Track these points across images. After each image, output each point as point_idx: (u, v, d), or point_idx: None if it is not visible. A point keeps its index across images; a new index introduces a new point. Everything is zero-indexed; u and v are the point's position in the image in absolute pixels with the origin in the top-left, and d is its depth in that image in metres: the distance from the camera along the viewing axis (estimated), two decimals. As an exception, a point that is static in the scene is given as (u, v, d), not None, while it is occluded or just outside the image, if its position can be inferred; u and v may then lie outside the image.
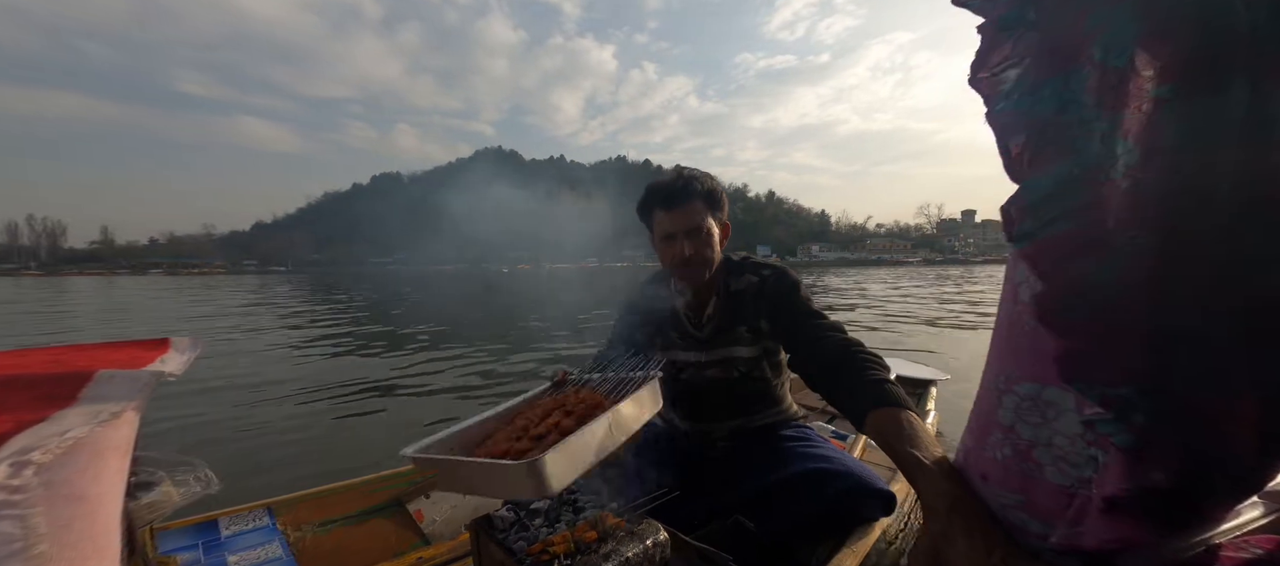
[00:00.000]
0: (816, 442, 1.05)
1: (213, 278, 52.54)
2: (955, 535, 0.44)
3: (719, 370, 1.06)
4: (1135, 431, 0.36)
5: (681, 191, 0.98)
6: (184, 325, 7.37)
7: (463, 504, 1.33)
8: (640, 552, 0.82)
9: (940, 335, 5.57)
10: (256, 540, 0.92)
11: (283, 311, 8.64)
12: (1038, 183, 0.40)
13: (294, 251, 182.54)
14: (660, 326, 1.12)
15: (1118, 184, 0.36)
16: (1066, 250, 0.39)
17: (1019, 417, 0.44)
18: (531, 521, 0.99)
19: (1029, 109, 0.41)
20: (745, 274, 1.05)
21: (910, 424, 0.61)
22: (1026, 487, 0.44)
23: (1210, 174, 0.33)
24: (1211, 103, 0.33)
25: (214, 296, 12.87)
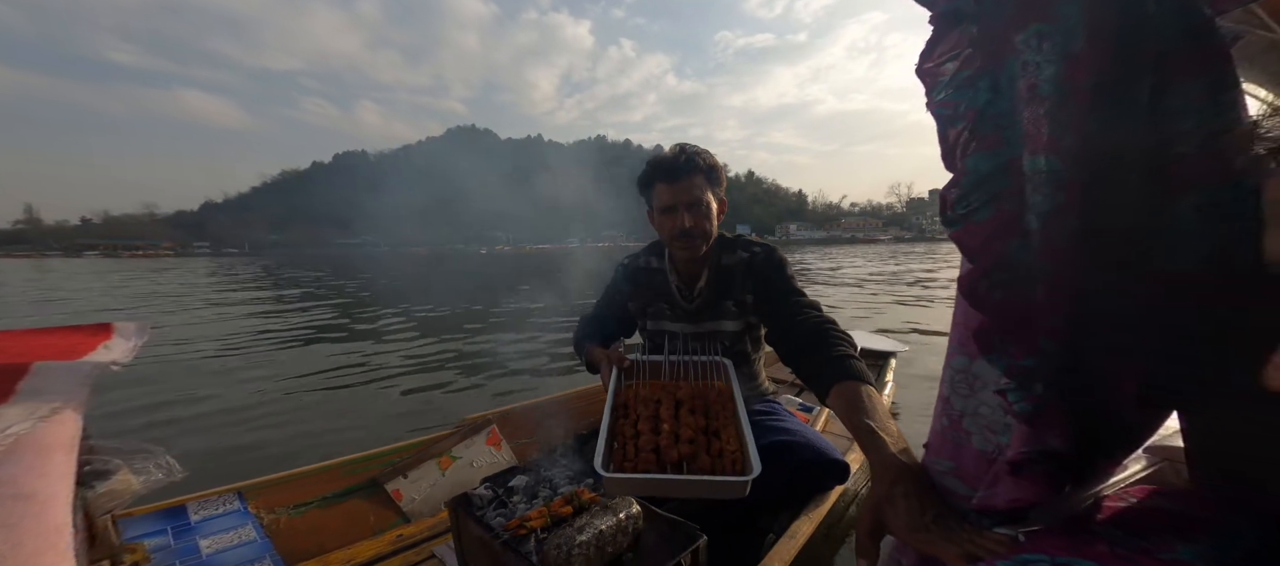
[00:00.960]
0: (782, 417, 1.12)
1: (160, 260, 48.88)
2: (896, 497, 0.48)
3: (703, 343, 1.09)
4: (1033, 400, 0.39)
5: (685, 165, 1.01)
6: (141, 307, 6.88)
7: (442, 482, 1.35)
8: (614, 524, 0.86)
9: (901, 309, 5.86)
10: (228, 524, 0.91)
11: (244, 295, 8.19)
12: (971, 169, 0.43)
13: (250, 232, 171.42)
14: (652, 296, 1.16)
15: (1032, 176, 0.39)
16: (991, 232, 0.42)
17: (953, 390, 0.48)
18: (510, 498, 1.02)
19: (965, 99, 0.44)
20: (737, 250, 1.09)
21: (868, 397, 0.67)
22: (957, 454, 0.48)
23: (1120, 163, 0.36)
24: (1123, 97, 0.35)
25: (167, 278, 12.01)
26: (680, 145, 1.06)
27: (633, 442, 0.76)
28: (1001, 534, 0.42)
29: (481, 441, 1.48)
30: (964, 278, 0.43)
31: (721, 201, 1.09)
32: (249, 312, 6.24)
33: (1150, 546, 0.35)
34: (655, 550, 0.87)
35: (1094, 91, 0.36)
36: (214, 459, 1.92)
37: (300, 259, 40.38)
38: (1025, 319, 0.41)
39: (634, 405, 0.83)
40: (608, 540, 0.84)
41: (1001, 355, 0.42)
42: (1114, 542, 0.36)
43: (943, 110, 0.45)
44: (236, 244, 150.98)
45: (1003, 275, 0.42)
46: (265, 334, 4.70)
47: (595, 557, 0.82)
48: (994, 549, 0.40)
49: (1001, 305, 0.42)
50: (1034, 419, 0.40)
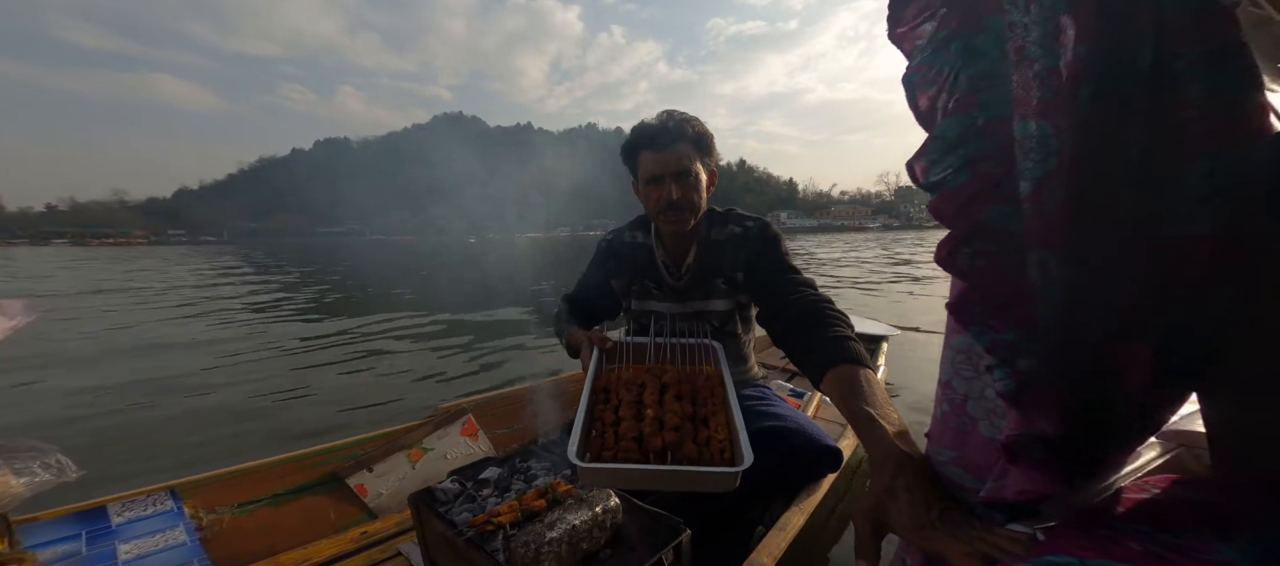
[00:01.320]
0: (772, 401, 1.07)
1: (132, 249, 47.12)
2: (898, 490, 0.44)
3: (691, 324, 1.05)
4: (1017, 377, 0.36)
5: (672, 132, 0.95)
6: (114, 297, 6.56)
7: (412, 475, 1.26)
8: (589, 519, 0.79)
9: (891, 293, 5.90)
10: (156, 526, 0.82)
11: (237, 288, 7.88)
12: (942, 134, 0.40)
13: (228, 220, 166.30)
14: (637, 273, 1.09)
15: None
16: (968, 197, 0.39)
17: (955, 372, 0.44)
18: (479, 492, 0.95)
19: (939, 62, 0.41)
20: (728, 225, 1.03)
21: (867, 381, 0.62)
22: (961, 443, 0.44)
23: (1120, 128, 0.34)
24: (1120, 63, 0.33)
25: (146, 270, 11.48)
26: (668, 111, 0.99)
27: (612, 430, 0.68)
28: (1017, 531, 0.38)
29: (456, 432, 1.40)
30: (942, 245, 0.40)
31: (712, 173, 1.02)
32: (242, 305, 5.99)
33: (1186, 544, 0.32)
34: (635, 545, 0.81)
35: (1086, 59, 0.33)
36: (141, 454, 1.79)
37: (281, 247, 39.32)
38: (1006, 288, 0.38)
39: (615, 390, 0.75)
40: (582, 536, 0.78)
41: (983, 328, 0.39)
42: (1147, 540, 0.33)
43: (913, 76, 0.43)
44: (215, 232, 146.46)
45: (982, 242, 0.39)
46: (239, 322, 4.51)
47: (567, 555, 0.76)
48: (1010, 549, 0.36)
49: (981, 274, 0.39)
50: (1019, 398, 0.37)
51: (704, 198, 1.00)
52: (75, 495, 0.78)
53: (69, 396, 2.52)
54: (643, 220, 1.12)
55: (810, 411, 1.41)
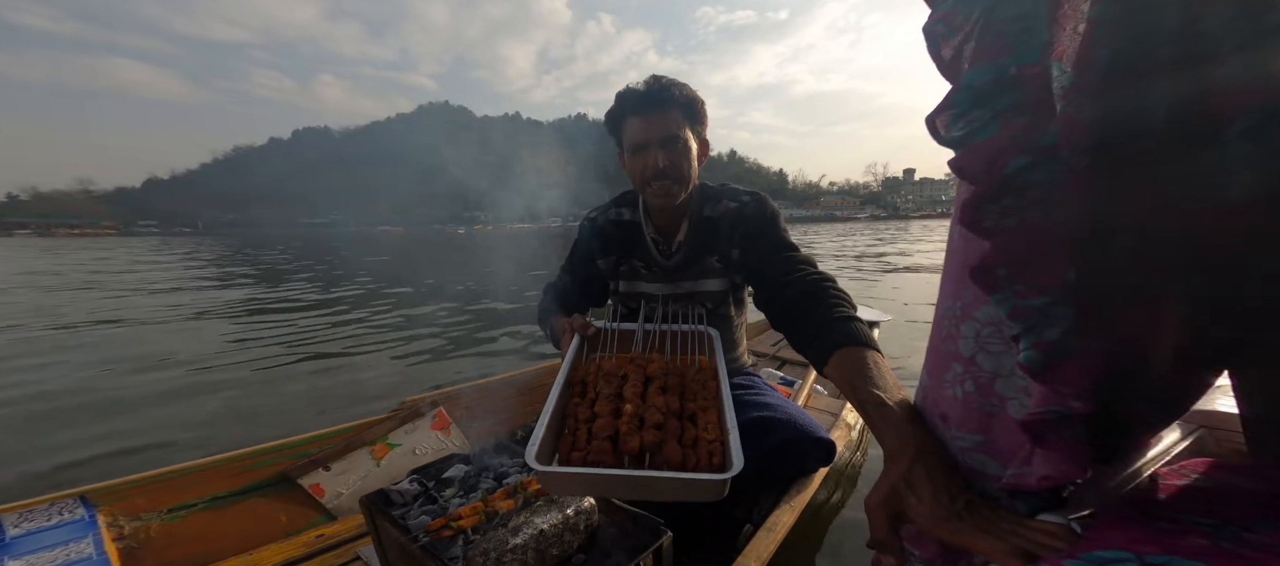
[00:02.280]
0: (762, 391, 1.02)
1: (102, 239, 45.23)
2: (918, 481, 0.40)
3: (683, 306, 0.98)
4: (1044, 348, 0.34)
5: (658, 97, 0.88)
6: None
7: (376, 472, 1.17)
8: (560, 522, 0.72)
9: (880, 279, 5.94)
10: (60, 538, 0.71)
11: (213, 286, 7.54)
12: (969, 83, 0.37)
13: (203, 211, 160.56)
14: (624, 251, 1.02)
15: (1055, 102, 0.33)
16: (998, 150, 0.35)
17: (980, 347, 0.40)
18: (441, 493, 0.86)
19: (964, 7, 0.37)
20: (723, 200, 0.97)
21: (875, 364, 0.57)
22: (987, 425, 0.40)
23: (1143, 91, 0.31)
24: (1144, 21, 0.31)
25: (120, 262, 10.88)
26: (655, 76, 0.91)
27: (586, 428, 0.59)
28: (1052, 522, 0.35)
29: (426, 426, 1.31)
30: (966, 204, 0.36)
31: (703, 141, 0.95)
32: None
33: (1260, 538, 0.28)
34: (611, 550, 0.74)
35: (1100, 20, 0.30)
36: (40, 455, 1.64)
37: (260, 239, 37.96)
38: (1038, 250, 0.34)
39: (594, 382, 0.65)
40: (550, 541, 0.71)
41: (1007, 294, 0.36)
42: (1212, 533, 0.30)
43: (937, 25, 0.39)
44: (189, 223, 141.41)
45: (1010, 198, 0.35)
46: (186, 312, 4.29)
47: (534, 561, 0.68)
48: (1050, 543, 0.33)
49: (1009, 234, 0.35)
50: (1047, 373, 0.34)
51: (694, 168, 0.93)
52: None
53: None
54: (629, 195, 1.04)
55: (800, 400, 1.36)
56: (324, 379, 2.56)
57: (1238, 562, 0.26)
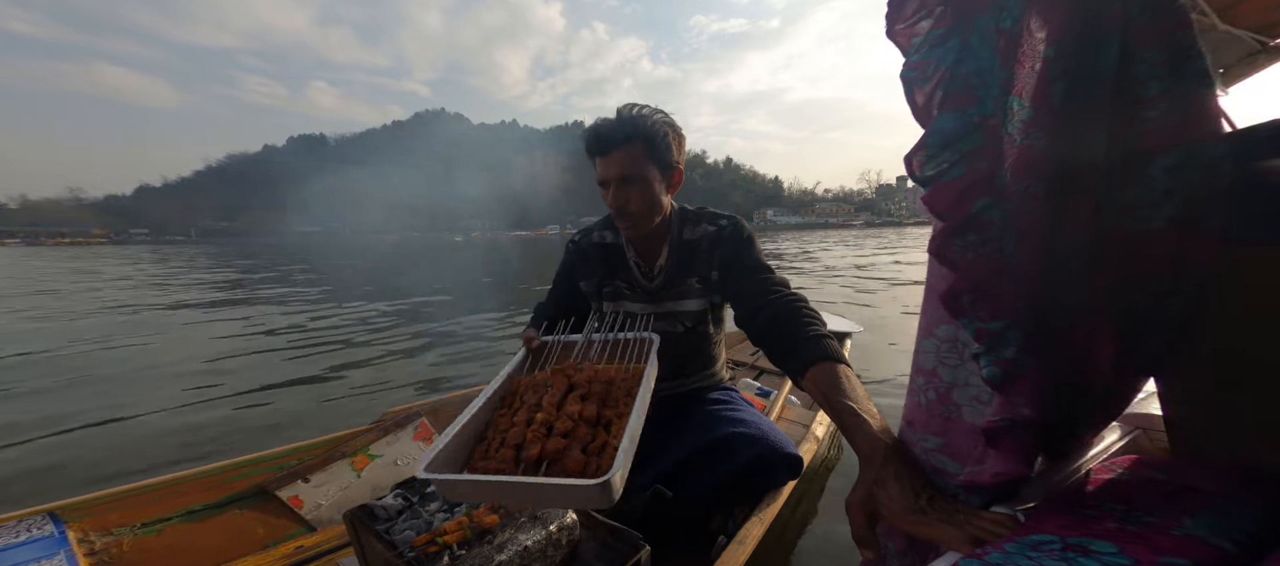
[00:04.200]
0: (737, 405, 1.04)
1: (94, 248, 44.64)
2: (887, 480, 0.46)
3: (665, 324, 1.02)
4: (1003, 365, 0.38)
5: (613, 136, 0.87)
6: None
7: (357, 484, 1.16)
8: (543, 538, 0.72)
9: (863, 290, 5.98)
10: (29, 555, 0.69)
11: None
12: (939, 129, 0.41)
13: (195, 219, 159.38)
14: (608, 273, 1.05)
15: (1012, 137, 0.38)
16: (963, 190, 0.40)
17: (940, 360, 0.45)
18: (425, 507, 0.85)
19: (935, 59, 0.42)
20: (701, 223, 1.00)
21: (847, 378, 0.63)
22: (946, 429, 0.45)
23: (1090, 128, 0.36)
24: (1090, 62, 0.35)
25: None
26: (625, 107, 0.91)
27: (499, 437, 0.59)
28: (1000, 513, 0.40)
29: (408, 437, 1.29)
30: (935, 237, 0.41)
31: (673, 170, 0.94)
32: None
33: (1158, 521, 0.33)
34: (593, 562, 0.73)
35: (1055, 59, 0.35)
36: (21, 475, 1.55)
37: (253, 247, 37.60)
38: (996, 280, 0.39)
39: (522, 393, 0.65)
40: (534, 556, 0.70)
41: (971, 318, 0.40)
42: (1121, 518, 0.35)
43: (911, 72, 0.44)
44: (181, 230, 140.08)
45: (973, 234, 0.40)
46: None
47: (519, 576, 0.67)
48: (995, 530, 0.38)
49: (972, 265, 0.40)
50: (1004, 385, 0.39)
51: (660, 199, 0.93)
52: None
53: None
54: (611, 219, 1.06)
55: (774, 412, 1.37)
56: (313, 390, 2.52)
57: (1136, 540, 0.31)
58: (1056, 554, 0.31)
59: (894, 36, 0.46)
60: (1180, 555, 0.30)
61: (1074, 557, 0.30)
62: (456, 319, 4.46)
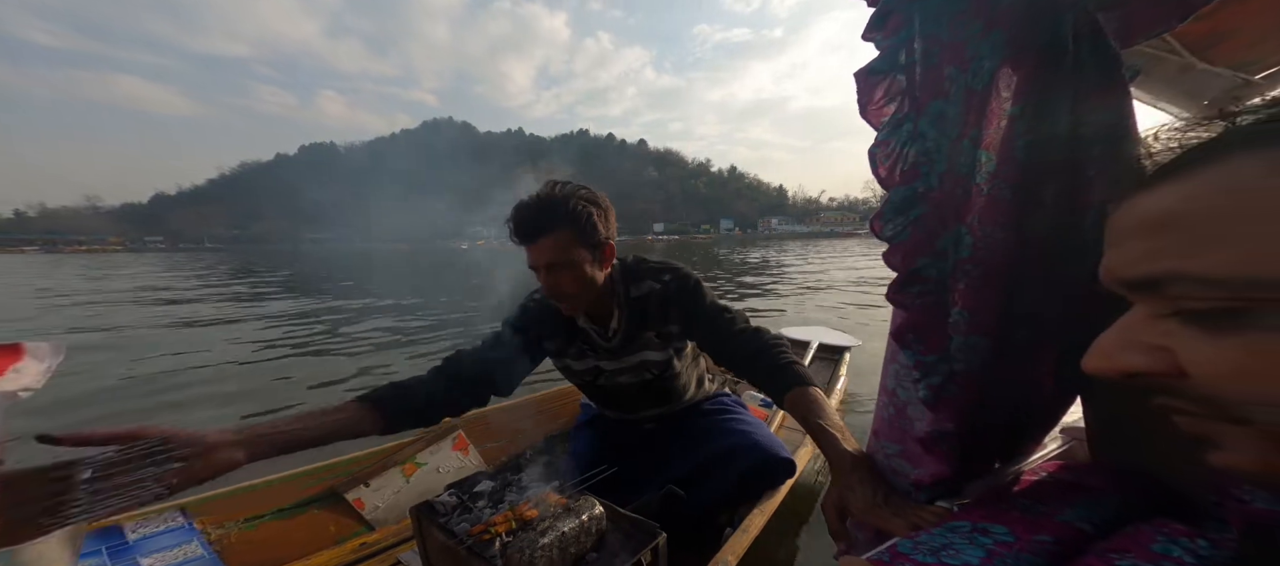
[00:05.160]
0: (734, 416, 1.13)
1: (109, 255, 45.48)
2: (854, 484, 0.56)
3: (633, 375, 1.05)
4: (932, 389, 0.47)
5: (534, 227, 0.85)
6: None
7: (407, 489, 1.33)
8: (577, 527, 0.87)
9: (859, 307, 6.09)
10: (171, 541, 0.87)
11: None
12: (893, 199, 0.50)
13: (210, 227, 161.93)
14: (569, 338, 1.05)
15: (981, 187, 0.44)
16: (909, 250, 0.49)
17: (898, 382, 0.54)
18: (475, 503, 1.02)
19: (895, 139, 0.50)
20: (644, 279, 1.00)
21: (816, 400, 0.75)
22: (903, 438, 0.54)
23: (1044, 180, 0.41)
24: (1046, 120, 0.41)
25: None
26: (547, 189, 0.88)
27: None
28: (940, 507, 0.49)
29: (448, 447, 1.46)
30: (890, 286, 0.50)
31: (604, 247, 0.91)
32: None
33: (1048, 510, 0.41)
34: (618, 549, 0.89)
35: (1020, 118, 0.41)
36: None
37: (276, 256, 38.26)
38: (933, 322, 0.47)
39: None
40: (570, 541, 0.86)
41: (913, 351, 0.49)
42: (1024, 510, 0.42)
43: (877, 149, 0.52)
44: (194, 238, 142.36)
45: (917, 287, 0.49)
46: (225, 337, 4.43)
47: (559, 558, 0.84)
48: (932, 519, 0.46)
49: (916, 310, 0.49)
50: (934, 404, 0.47)
51: (594, 278, 0.91)
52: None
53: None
54: None
55: (777, 422, 1.51)
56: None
57: (1024, 524, 0.39)
58: (966, 534, 0.39)
59: (867, 117, 0.53)
60: (1050, 534, 0.37)
61: (976, 537, 0.38)
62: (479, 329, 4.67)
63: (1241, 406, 0.19)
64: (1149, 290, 0.22)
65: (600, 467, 1.00)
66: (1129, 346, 0.23)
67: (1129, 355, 0.23)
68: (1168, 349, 0.21)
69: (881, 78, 0.50)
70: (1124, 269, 0.23)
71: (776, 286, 8.20)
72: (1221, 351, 0.19)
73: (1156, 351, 0.22)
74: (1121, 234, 0.24)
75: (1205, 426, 0.21)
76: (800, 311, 5.45)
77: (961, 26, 0.43)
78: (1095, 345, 0.24)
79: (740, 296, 6.99)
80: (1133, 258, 0.23)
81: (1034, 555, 0.36)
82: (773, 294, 7.20)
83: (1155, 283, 0.21)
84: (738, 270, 12.17)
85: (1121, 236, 0.24)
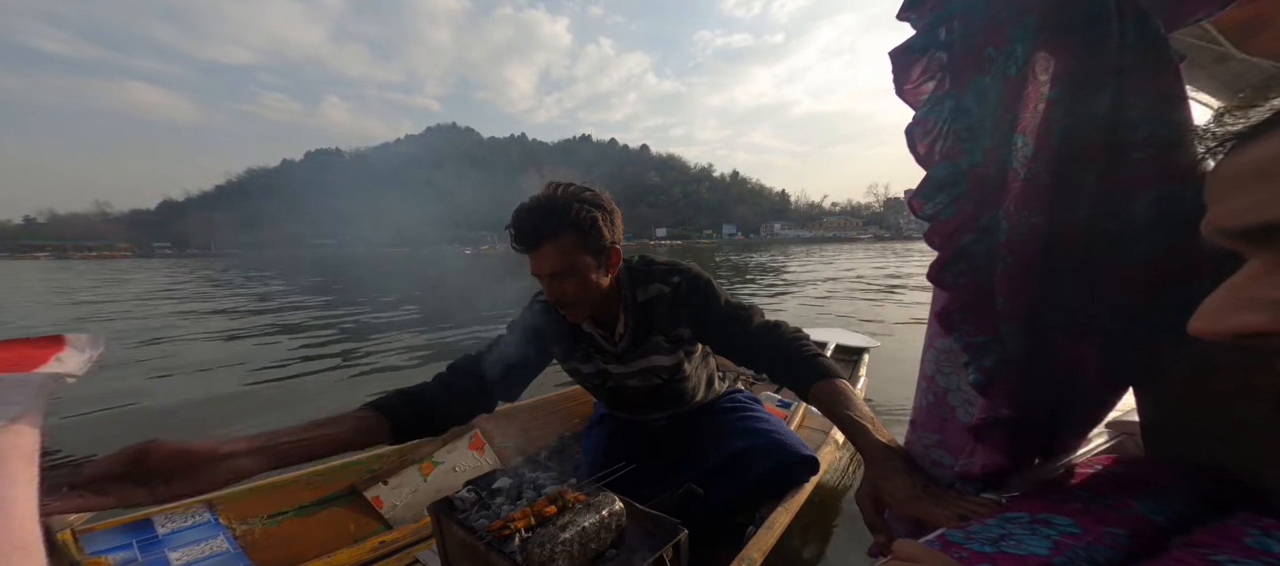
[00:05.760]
0: (750, 415, 1.11)
1: (117, 261, 46.05)
2: (891, 474, 0.54)
3: (641, 379, 1.03)
4: (985, 372, 0.44)
5: (537, 235, 0.81)
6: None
7: (424, 487, 1.33)
8: (597, 522, 0.87)
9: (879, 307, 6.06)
10: (199, 535, 0.88)
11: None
12: (935, 175, 0.48)
13: (217, 232, 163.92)
14: (575, 342, 1.03)
15: (1016, 171, 0.42)
16: (954, 228, 0.47)
17: (938, 369, 0.53)
18: (493, 500, 1.02)
19: (934, 116, 0.49)
20: (653, 282, 0.96)
21: (845, 391, 0.72)
22: (943, 428, 0.52)
23: (1084, 166, 0.40)
24: (1087, 105, 0.39)
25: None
26: (549, 191, 0.84)
27: None
28: (987, 498, 0.46)
29: (464, 446, 1.47)
30: (932, 266, 0.48)
31: (609, 252, 0.88)
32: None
33: (1112, 503, 0.39)
34: (638, 546, 0.89)
35: (1058, 101, 0.40)
36: None
37: (279, 260, 38.63)
38: (981, 301, 0.45)
39: None
40: (590, 537, 0.86)
41: (960, 333, 0.47)
42: (1085, 501, 0.40)
43: (915, 127, 0.50)
44: (201, 244, 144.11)
45: (962, 264, 0.47)
46: (240, 338, 4.51)
47: (578, 554, 0.84)
48: (980, 511, 0.44)
49: (962, 290, 0.47)
50: (986, 389, 0.45)
51: (600, 284, 0.88)
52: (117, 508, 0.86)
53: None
54: None
55: (796, 420, 1.50)
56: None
57: (1089, 516, 0.37)
58: (1025, 525, 0.37)
59: (903, 96, 0.51)
60: (1121, 526, 0.35)
61: (1037, 527, 0.36)
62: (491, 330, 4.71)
63: None
64: (1264, 239, 0.20)
65: (619, 464, 1.00)
66: (1245, 304, 0.21)
67: (1245, 314, 0.20)
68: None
69: (919, 55, 0.49)
70: (1234, 218, 0.22)
71: (785, 289, 8.18)
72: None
73: (1278, 305, 0.20)
74: (1229, 186, 0.22)
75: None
76: (814, 313, 5.43)
77: (1000, 7, 0.42)
78: (1203, 307, 0.22)
79: (751, 297, 7.01)
80: (1245, 206, 0.21)
81: (1109, 547, 0.34)
82: (782, 296, 7.19)
83: (1272, 229, 0.20)
84: (744, 272, 12.16)
85: (1229, 189, 0.22)
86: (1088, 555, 0.34)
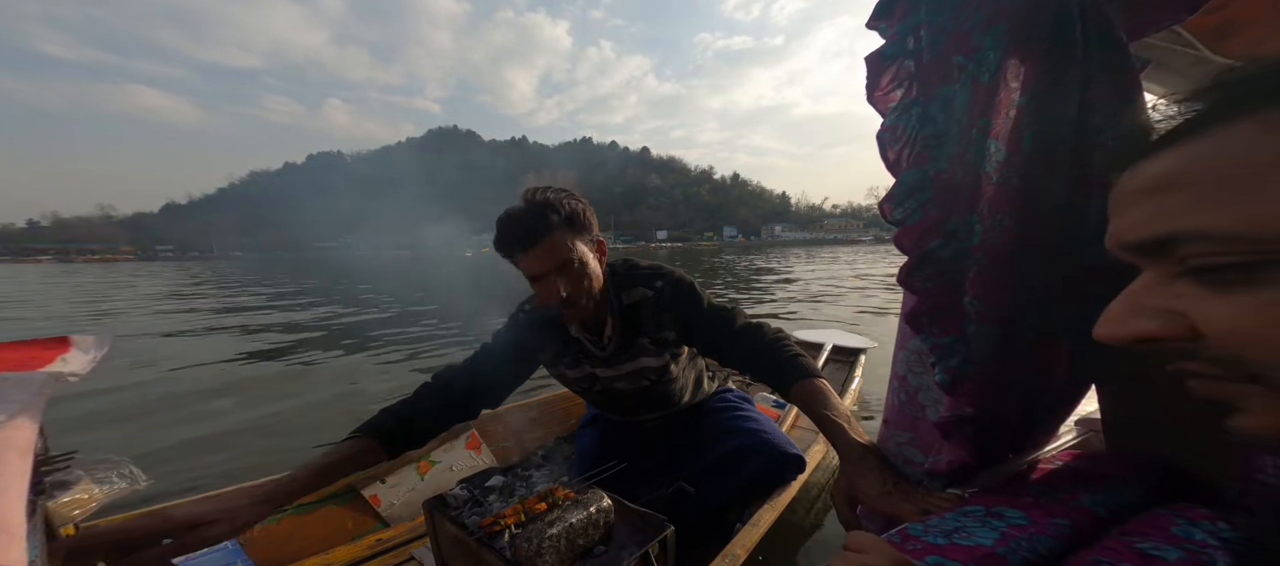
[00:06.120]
0: (740, 414, 1.12)
1: (119, 265, 46.20)
2: (864, 472, 0.56)
3: (629, 382, 1.04)
4: (950, 372, 0.46)
5: (536, 227, 0.82)
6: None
7: (421, 486, 1.36)
8: (585, 518, 0.90)
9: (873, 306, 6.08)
10: None
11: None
12: (904, 181, 0.50)
13: (220, 236, 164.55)
14: (562, 347, 1.05)
15: (989, 175, 0.43)
16: (921, 233, 0.49)
17: (908, 368, 0.54)
18: (485, 498, 1.05)
19: (903, 123, 0.50)
20: (636, 286, 0.97)
21: (823, 391, 0.74)
22: (915, 426, 0.54)
23: (1053, 170, 0.41)
24: (1054, 111, 0.41)
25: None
26: (529, 195, 0.85)
27: None
28: (951, 493, 0.48)
29: (461, 446, 1.50)
30: (902, 269, 0.49)
31: (597, 243, 0.91)
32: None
33: (1064, 496, 0.41)
34: (626, 542, 0.92)
35: (1027, 108, 0.41)
36: (176, 471, 1.88)
37: (280, 262, 38.71)
38: (947, 304, 0.47)
39: None
40: (578, 532, 0.88)
41: (928, 334, 0.48)
42: (1038, 495, 0.42)
43: (885, 134, 0.52)
44: (204, 246, 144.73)
45: (929, 268, 0.48)
46: (241, 338, 4.55)
47: (566, 549, 0.86)
48: (944, 505, 0.46)
49: (929, 293, 0.48)
50: (951, 388, 0.46)
51: (597, 276, 0.90)
52: (138, 502, 0.88)
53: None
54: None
55: (789, 421, 1.52)
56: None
57: (1039, 509, 0.38)
58: (979, 518, 0.38)
59: (874, 102, 0.52)
60: (1066, 517, 0.37)
61: (990, 520, 0.37)
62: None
63: (1258, 365, 0.19)
64: (1157, 252, 0.21)
65: (609, 463, 1.02)
66: (1139, 311, 0.22)
67: (1140, 320, 0.22)
68: (1180, 311, 0.21)
69: (890, 63, 0.50)
70: (1130, 232, 0.23)
71: (786, 291, 8.19)
72: (1235, 309, 0.19)
73: (1168, 314, 0.21)
74: (1127, 200, 0.23)
75: (1222, 389, 0.21)
76: (812, 314, 5.45)
77: (966, 16, 0.43)
78: (1105, 314, 0.24)
79: (752, 300, 7.01)
80: (1139, 220, 0.22)
81: (1051, 537, 0.35)
82: (782, 299, 7.21)
83: (1164, 243, 0.21)
84: (745, 273, 12.12)
85: (1127, 203, 0.23)
86: (1030, 545, 0.35)
